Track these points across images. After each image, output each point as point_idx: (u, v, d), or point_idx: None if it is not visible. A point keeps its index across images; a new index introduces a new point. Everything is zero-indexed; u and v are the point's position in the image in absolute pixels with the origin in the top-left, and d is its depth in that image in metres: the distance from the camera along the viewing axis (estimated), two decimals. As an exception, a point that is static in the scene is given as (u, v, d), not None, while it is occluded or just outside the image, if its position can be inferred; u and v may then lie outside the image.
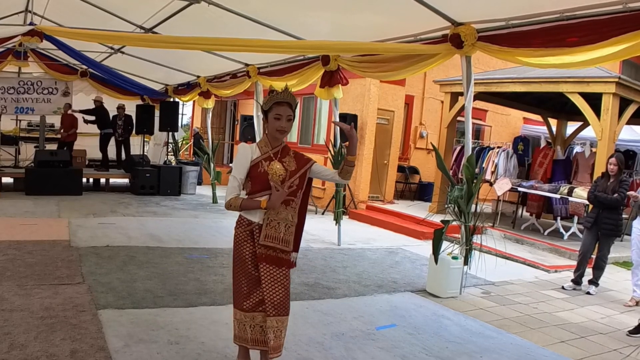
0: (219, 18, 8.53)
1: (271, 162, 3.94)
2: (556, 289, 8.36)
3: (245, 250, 3.97)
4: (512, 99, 14.61)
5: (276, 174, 3.92)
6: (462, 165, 7.40)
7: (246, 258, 3.97)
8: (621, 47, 5.21)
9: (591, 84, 10.67)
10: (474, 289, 7.79)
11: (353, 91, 14.18)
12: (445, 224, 7.18)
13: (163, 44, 8.70)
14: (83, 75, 15.39)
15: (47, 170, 12.91)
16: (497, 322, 6.34)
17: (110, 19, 10.06)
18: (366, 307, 6.47)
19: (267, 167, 3.91)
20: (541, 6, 5.90)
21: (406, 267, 8.83)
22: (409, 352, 5.13)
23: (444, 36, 7.02)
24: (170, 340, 4.82)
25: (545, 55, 6.01)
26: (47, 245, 7.81)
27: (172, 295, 6.12)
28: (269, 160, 3.93)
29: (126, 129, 15.37)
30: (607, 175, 8.15)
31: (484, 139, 18.28)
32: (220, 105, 21.50)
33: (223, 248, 8.81)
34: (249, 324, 4.01)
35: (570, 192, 11.19)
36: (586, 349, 5.77)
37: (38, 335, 4.58)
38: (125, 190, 15.07)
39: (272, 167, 3.92)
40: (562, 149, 14.44)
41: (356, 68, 8.61)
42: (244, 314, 4.01)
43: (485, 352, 5.34)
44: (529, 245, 11.45)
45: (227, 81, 12.62)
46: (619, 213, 8.16)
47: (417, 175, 17.34)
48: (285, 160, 4.00)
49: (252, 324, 4.00)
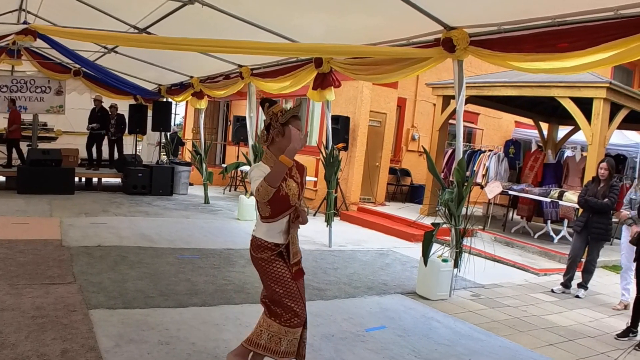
0: (213, 19, 8.54)
1: (287, 181, 3.85)
2: (545, 292, 8.41)
3: (284, 270, 3.91)
4: (504, 103, 14.66)
5: (294, 193, 3.88)
6: (454, 168, 7.44)
7: (287, 277, 3.91)
8: (611, 53, 5.27)
9: (582, 88, 10.72)
10: (464, 292, 7.84)
11: (346, 93, 14.22)
12: (436, 227, 7.22)
13: (157, 45, 8.70)
14: (76, 75, 15.38)
15: (39, 169, 12.88)
16: (486, 325, 6.39)
17: (104, 19, 10.06)
18: (356, 308, 6.51)
19: (286, 189, 3.83)
20: (533, 12, 5.95)
21: (396, 269, 8.87)
22: (398, 354, 5.17)
23: (437, 40, 7.06)
24: (160, 340, 4.84)
25: (536, 60, 6.06)
26: (39, 245, 7.81)
27: (163, 296, 6.14)
28: (283, 180, 3.80)
29: (119, 128, 15.34)
30: (597, 179, 8.21)
31: (475, 142, 18.33)
32: (213, 105, 21.51)
33: (214, 249, 8.84)
34: (290, 338, 3.95)
35: (560, 195, 11.25)
36: (575, 352, 5.82)
37: (29, 334, 4.59)
38: (117, 190, 15.04)
39: (289, 186, 3.85)
40: (553, 152, 14.51)
41: (349, 70, 8.65)
42: (294, 329, 3.95)
43: (474, 355, 5.38)
44: (519, 248, 11.50)
45: (220, 82, 12.62)
46: (608, 217, 8.22)
47: (409, 177, 17.40)
48: (293, 174, 3.95)
49: (292, 337, 3.95)
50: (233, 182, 18.77)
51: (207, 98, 14.27)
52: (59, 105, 15.02)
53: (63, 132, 16.04)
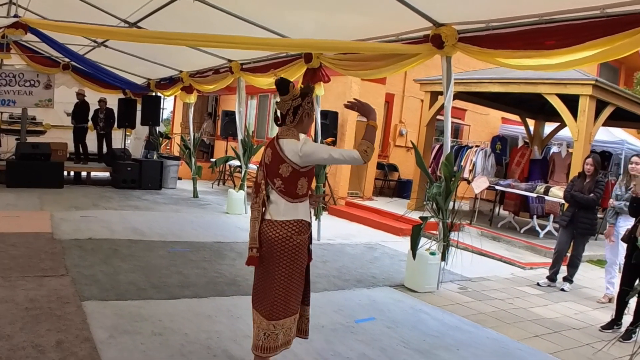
0: (204, 14, 8.56)
1: None
2: (531, 286, 8.54)
3: (304, 258, 3.97)
4: (491, 99, 14.79)
5: None
6: (441, 163, 7.53)
7: (302, 265, 3.98)
8: (597, 50, 5.38)
9: (569, 85, 10.85)
10: (451, 285, 7.95)
11: (335, 89, 14.26)
12: (424, 221, 7.31)
13: (147, 39, 8.72)
14: (65, 68, 15.30)
15: (28, 162, 12.86)
16: (474, 317, 6.50)
17: (94, 12, 10.04)
18: (346, 301, 6.60)
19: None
20: (521, 10, 6.05)
21: (385, 263, 8.97)
22: (387, 345, 5.26)
23: (425, 36, 7.15)
24: (154, 331, 4.90)
25: (523, 57, 6.16)
26: (31, 238, 7.82)
27: (155, 288, 6.19)
28: None
29: (108, 122, 15.32)
30: (583, 175, 8.33)
31: (462, 137, 18.47)
32: (202, 100, 21.50)
33: (205, 242, 8.90)
34: (286, 328, 3.96)
35: (546, 191, 11.39)
36: (560, 343, 5.95)
37: (24, 326, 4.63)
38: (107, 184, 15.03)
39: None
40: (540, 148, 14.66)
41: (338, 66, 8.71)
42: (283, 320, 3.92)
43: (462, 346, 5.49)
44: (505, 242, 11.64)
45: (210, 76, 12.65)
46: (594, 213, 8.35)
47: (396, 172, 17.51)
48: None
49: (287, 327, 3.96)
50: (221, 177, 18.82)
51: (196, 92, 14.28)
52: (47, 99, 14.92)
53: (52, 126, 15.99)
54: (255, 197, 3.95)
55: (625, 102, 11.59)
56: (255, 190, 3.98)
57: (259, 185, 3.95)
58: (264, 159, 4.00)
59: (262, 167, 4.00)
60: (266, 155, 3.98)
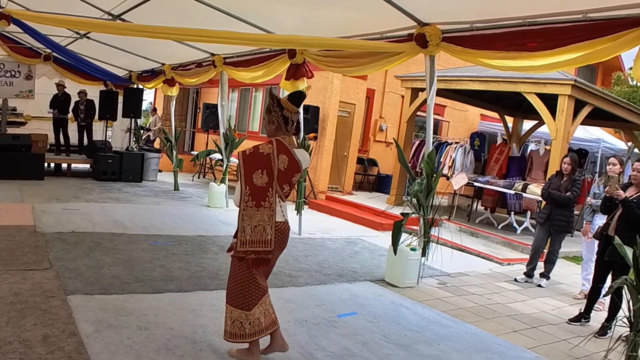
0: (188, 7, 8.57)
1: None
2: (509, 281, 8.69)
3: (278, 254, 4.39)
4: (471, 96, 14.92)
5: None
6: (421, 159, 7.62)
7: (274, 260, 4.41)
8: (579, 54, 5.50)
9: (548, 85, 11.00)
10: (431, 280, 8.06)
11: (316, 84, 14.32)
12: (405, 217, 7.40)
13: (131, 32, 8.72)
14: (46, 59, 15.17)
15: (9, 154, 12.76)
16: (453, 312, 6.61)
17: (78, 4, 9.93)
18: (327, 295, 6.68)
19: None
20: (504, 11, 6.16)
21: (365, 257, 9.07)
22: (369, 339, 5.35)
23: (410, 35, 7.23)
24: (139, 325, 4.93)
25: (506, 58, 6.27)
26: (13, 231, 7.79)
27: (139, 282, 6.22)
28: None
29: (88, 114, 15.22)
30: (561, 173, 8.46)
31: (441, 134, 18.60)
32: (183, 92, 21.43)
33: (187, 235, 8.92)
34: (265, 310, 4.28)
35: (524, 188, 11.56)
36: (537, 338, 6.08)
37: (9, 320, 4.62)
38: (87, 176, 14.98)
39: None
40: (518, 146, 14.83)
41: (322, 62, 8.76)
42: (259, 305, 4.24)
43: (442, 340, 5.59)
44: (483, 238, 11.80)
45: (192, 70, 12.64)
46: (571, 210, 8.50)
47: (376, 167, 17.61)
48: None
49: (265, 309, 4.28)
50: (202, 170, 18.81)
51: (178, 85, 14.26)
52: (28, 90, 14.85)
53: (32, 117, 15.86)
54: (262, 201, 4.13)
55: (602, 102, 11.76)
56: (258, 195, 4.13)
57: (265, 189, 4.12)
58: (276, 164, 4.09)
59: (269, 171, 4.11)
60: (280, 161, 4.09)
